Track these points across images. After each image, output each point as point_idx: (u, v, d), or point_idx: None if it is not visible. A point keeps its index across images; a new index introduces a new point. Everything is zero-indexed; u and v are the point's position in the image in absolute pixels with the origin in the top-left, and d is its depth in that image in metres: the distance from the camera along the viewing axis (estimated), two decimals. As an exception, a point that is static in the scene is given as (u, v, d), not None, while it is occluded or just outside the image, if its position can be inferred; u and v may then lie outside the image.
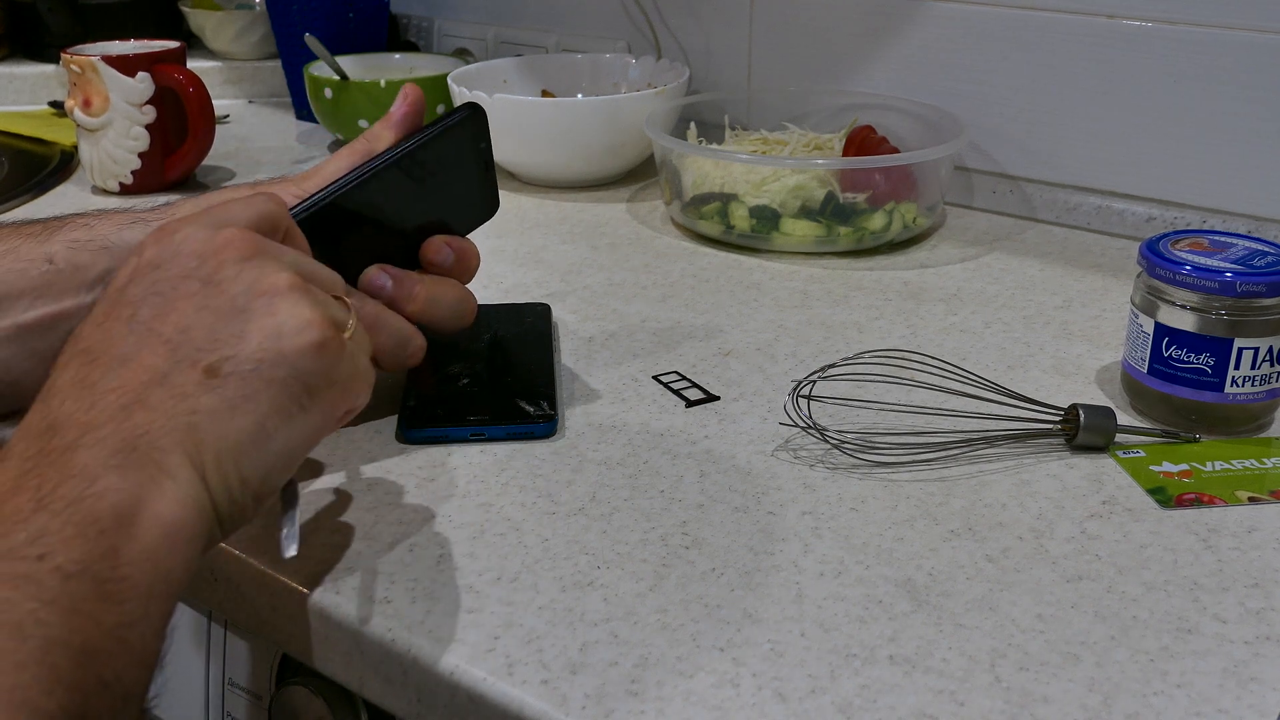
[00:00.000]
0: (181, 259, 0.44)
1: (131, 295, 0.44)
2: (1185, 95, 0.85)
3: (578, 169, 1.02)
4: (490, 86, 1.03)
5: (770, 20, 1.05)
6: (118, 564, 0.37)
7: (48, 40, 1.37)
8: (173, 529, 0.39)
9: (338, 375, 0.45)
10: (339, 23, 1.22)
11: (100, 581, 0.36)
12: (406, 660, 0.46)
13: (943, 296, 0.79)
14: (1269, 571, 0.50)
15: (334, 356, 0.44)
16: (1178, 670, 0.44)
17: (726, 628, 0.46)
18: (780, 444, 0.60)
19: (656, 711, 0.42)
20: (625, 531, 0.53)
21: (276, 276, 0.44)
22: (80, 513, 0.37)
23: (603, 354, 0.71)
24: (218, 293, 0.43)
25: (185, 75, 1.00)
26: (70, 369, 0.42)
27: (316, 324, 0.44)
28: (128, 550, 0.37)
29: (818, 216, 0.87)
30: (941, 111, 0.94)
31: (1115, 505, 0.55)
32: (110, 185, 1.02)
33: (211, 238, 0.45)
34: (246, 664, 0.58)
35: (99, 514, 0.37)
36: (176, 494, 0.39)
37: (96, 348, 0.42)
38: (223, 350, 0.42)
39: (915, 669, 0.44)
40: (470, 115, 0.63)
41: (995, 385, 0.62)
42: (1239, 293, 0.57)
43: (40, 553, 0.36)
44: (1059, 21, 0.89)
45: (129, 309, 0.43)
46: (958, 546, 0.52)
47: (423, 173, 0.61)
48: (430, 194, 0.62)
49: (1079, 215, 0.92)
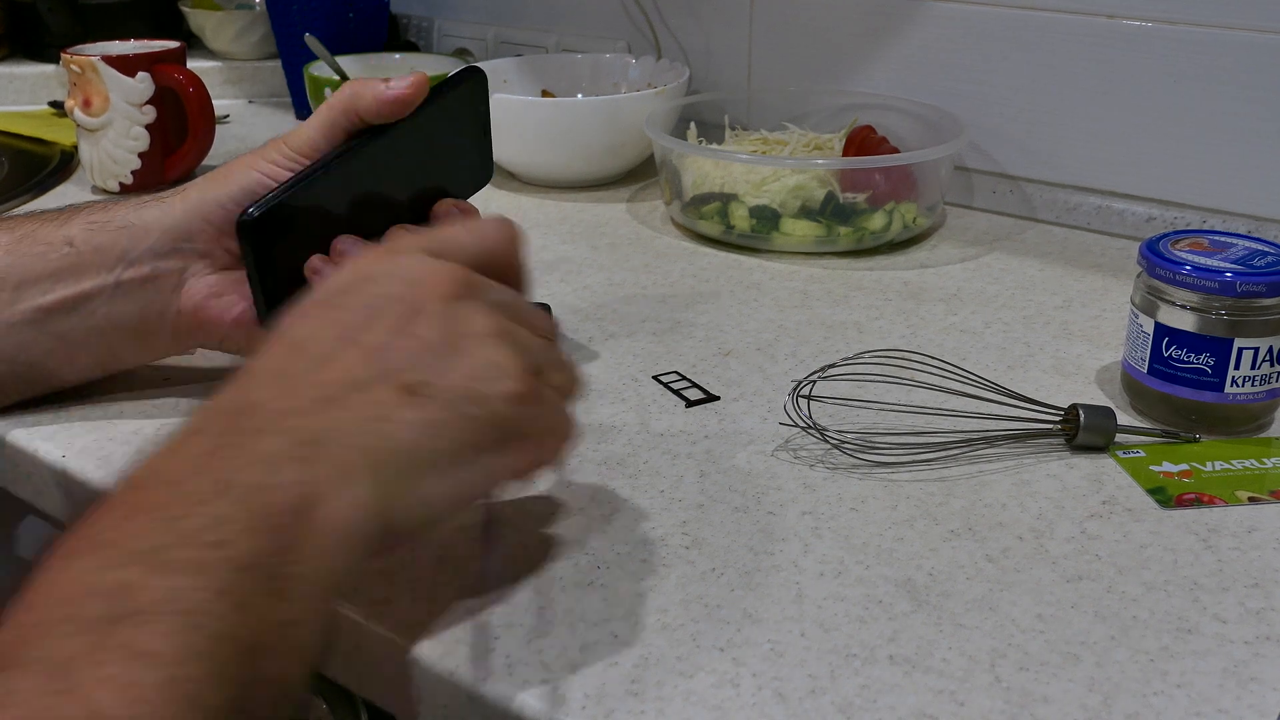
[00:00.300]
0: (396, 281, 0.44)
1: (343, 301, 0.44)
2: (1185, 95, 0.85)
3: (578, 169, 1.02)
4: (490, 86, 1.02)
5: (770, 20, 1.05)
6: (290, 560, 0.37)
7: (48, 40, 1.36)
8: (346, 531, 0.38)
9: (534, 427, 0.45)
10: (339, 23, 1.22)
11: (272, 577, 0.36)
12: (406, 660, 0.46)
13: (943, 296, 0.79)
14: (1269, 571, 0.50)
15: (531, 407, 0.44)
16: (1178, 670, 0.44)
17: (726, 628, 0.46)
18: (780, 444, 0.60)
19: (656, 711, 0.42)
20: (625, 531, 0.53)
21: (479, 321, 0.44)
22: (260, 503, 0.37)
23: (603, 354, 0.71)
24: (423, 323, 0.43)
25: (185, 75, 1.00)
26: (271, 356, 0.43)
27: (514, 374, 0.43)
28: (301, 547, 0.37)
29: (818, 216, 0.87)
30: (941, 111, 0.94)
31: (1115, 505, 0.55)
32: (110, 185, 1.02)
33: (429, 270, 0.45)
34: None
35: (278, 507, 0.37)
36: (354, 496, 0.39)
37: (301, 341, 0.43)
38: (423, 375, 0.42)
39: (915, 669, 0.44)
40: (471, 79, 0.62)
41: (995, 385, 0.62)
42: (1239, 293, 0.57)
43: (217, 539, 0.35)
44: (1059, 21, 0.89)
45: (337, 312, 0.44)
46: (958, 546, 0.52)
47: (424, 138, 0.60)
48: (432, 159, 0.61)
49: (1079, 215, 0.92)
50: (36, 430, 0.62)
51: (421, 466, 0.41)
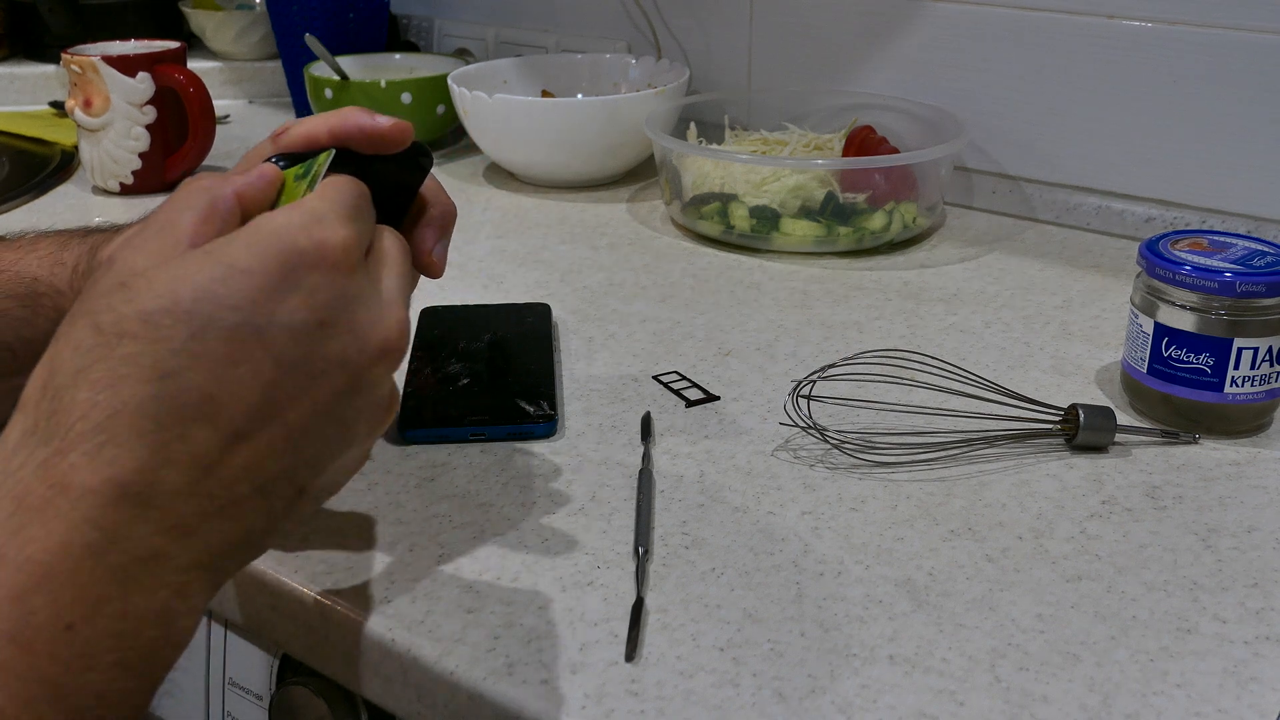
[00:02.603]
0: (349, 340, 0.39)
1: (283, 349, 0.38)
2: (1185, 95, 0.85)
3: (578, 169, 1.02)
4: (490, 86, 1.03)
5: (770, 20, 1.05)
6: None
7: (48, 40, 1.37)
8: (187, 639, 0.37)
9: None
10: (339, 23, 1.22)
11: None
12: (406, 660, 0.46)
13: (943, 296, 0.79)
14: (1269, 571, 0.50)
15: None
16: (1178, 670, 0.44)
17: (726, 628, 0.46)
18: (780, 444, 0.60)
19: (656, 711, 0.42)
20: (625, 531, 0.53)
21: (381, 409, 0.42)
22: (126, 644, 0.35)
23: (603, 354, 0.71)
24: (350, 403, 0.40)
25: (186, 75, 1.00)
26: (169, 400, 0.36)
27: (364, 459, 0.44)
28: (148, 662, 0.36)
29: (818, 216, 0.87)
30: (941, 111, 0.94)
31: (1115, 505, 0.55)
32: (111, 185, 1.02)
33: (382, 333, 0.40)
34: (246, 664, 0.58)
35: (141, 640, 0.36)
36: (197, 605, 0.37)
37: (213, 395, 0.36)
38: (318, 470, 0.40)
39: (915, 669, 0.44)
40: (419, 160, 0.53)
41: (995, 385, 0.62)
42: (1239, 293, 0.57)
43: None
44: (1059, 21, 0.89)
45: (271, 363, 0.37)
46: (958, 546, 0.52)
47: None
48: None
49: (1079, 215, 0.92)
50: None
51: (260, 551, 0.40)
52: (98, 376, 0.35)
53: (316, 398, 0.39)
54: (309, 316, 0.38)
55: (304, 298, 0.38)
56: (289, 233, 0.38)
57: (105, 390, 0.35)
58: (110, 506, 0.34)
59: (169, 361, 0.36)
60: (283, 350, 0.37)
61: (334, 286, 0.39)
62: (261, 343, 0.37)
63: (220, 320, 0.36)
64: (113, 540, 0.34)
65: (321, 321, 0.38)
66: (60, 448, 0.35)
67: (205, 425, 0.36)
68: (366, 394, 0.41)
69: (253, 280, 0.37)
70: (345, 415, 0.40)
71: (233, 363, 0.36)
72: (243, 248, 0.38)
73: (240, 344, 0.37)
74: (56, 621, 0.34)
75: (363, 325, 0.40)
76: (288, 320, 0.38)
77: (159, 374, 0.35)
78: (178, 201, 0.41)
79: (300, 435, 0.39)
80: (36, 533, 0.34)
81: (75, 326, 0.37)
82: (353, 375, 0.40)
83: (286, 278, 0.38)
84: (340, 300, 0.39)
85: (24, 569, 0.34)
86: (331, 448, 0.40)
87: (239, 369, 0.37)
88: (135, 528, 0.35)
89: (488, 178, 1.07)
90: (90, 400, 0.35)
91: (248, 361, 0.37)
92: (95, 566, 0.34)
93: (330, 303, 0.39)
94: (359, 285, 0.40)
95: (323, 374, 0.39)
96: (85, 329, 0.36)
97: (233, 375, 0.36)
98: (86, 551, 0.34)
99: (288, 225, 0.39)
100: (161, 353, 0.36)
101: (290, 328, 0.38)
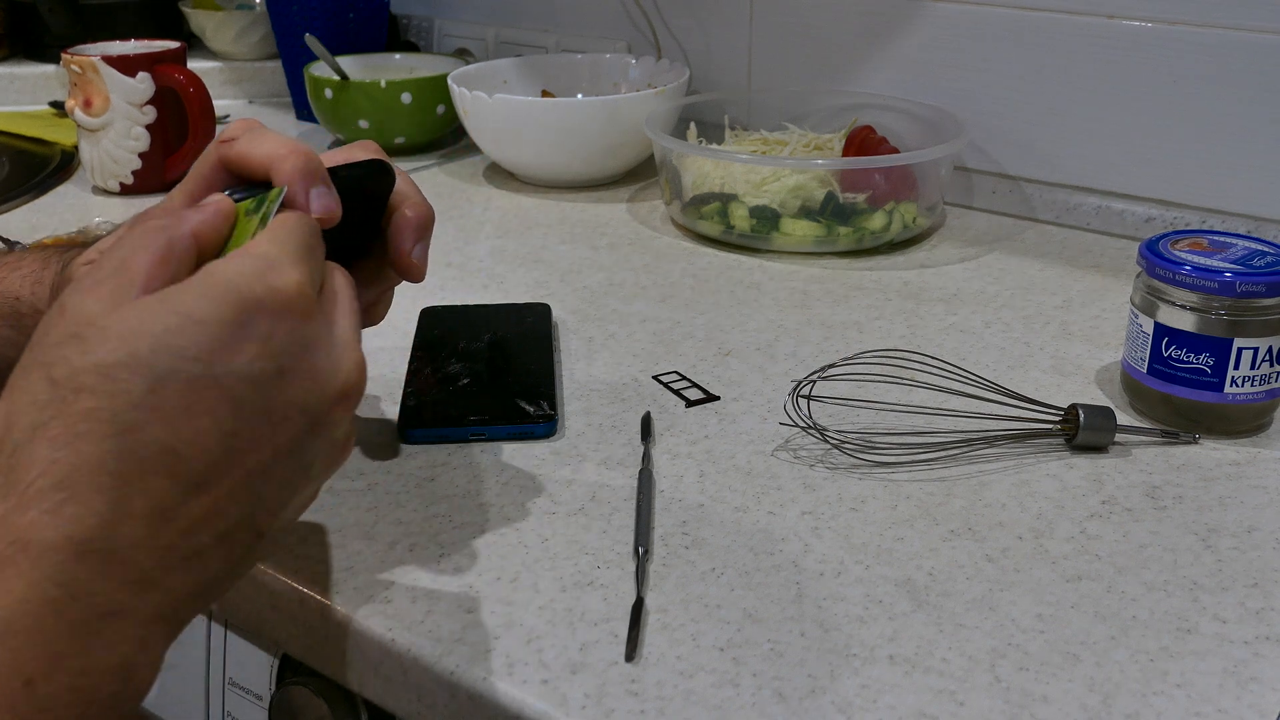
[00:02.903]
0: (307, 386, 0.39)
1: (242, 398, 0.37)
2: (1185, 95, 0.85)
3: (578, 169, 1.02)
4: (490, 86, 1.03)
5: (770, 20, 1.05)
6: None
7: (48, 40, 1.37)
8: (145, 691, 0.37)
9: None
10: (339, 23, 1.22)
11: None
12: (406, 660, 0.46)
13: (943, 296, 0.79)
14: (1269, 571, 0.50)
15: None
16: (1178, 670, 0.44)
17: (726, 628, 0.46)
18: (780, 444, 0.60)
19: (656, 711, 0.42)
20: (625, 531, 0.53)
21: (337, 449, 0.42)
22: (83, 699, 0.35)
23: (603, 354, 0.71)
24: (309, 447, 0.40)
25: (186, 75, 1.00)
26: (139, 466, 0.35)
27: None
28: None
29: (818, 216, 0.87)
30: (941, 111, 0.94)
31: (1115, 505, 0.55)
32: (111, 185, 1.02)
33: (356, 373, 0.41)
34: (246, 664, 0.58)
35: (98, 695, 0.35)
36: (157, 656, 0.37)
37: (181, 448, 0.36)
38: (276, 511, 0.40)
39: (915, 669, 0.44)
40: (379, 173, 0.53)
41: (995, 385, 0.62)
42: (1239, 293, 0.57)
43: None
44: (1059, 21, 0.89)
45: (230, 412, 0.37)
46: (958, 546, 0.52)
47: None
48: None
49: (1079, 215, 0.92)
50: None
51: (219, 596, 0.40)
52: (56, 433, 0.35)
53: (277, 443, 0.39)
54: (267, 364, 0.38)
55: (261, 345, 0.38)
56: (243, 280, 0.38)
57: (64, 447, 0.35)
58: (71, 562, 0.34)
59: (127, 415, 0.35)
60: (242, 399, 0.37)
61: (290, 332, 0.39)
62: (220, 392, 0.37)
63: (178, 371, 0.36)
64: (74, 596, 0.34)
65: (280, 369, 0.38)
66: (19, 504, 0.34)
67: (165, 477, 0.36)
68: (325, 435, 0.41)
69: (209, 330, 0.37)
70: (304, 457, 0.40)
71: (192, 414, 0.36)
72: (197, 297, 0.37)
73: (199, 395, 0.36)
74: (15, 677, 0.33)
75: (321, 370, 0.40)
76: (246, 369, 0.37)
77: (118, 429, 0.35)
78: (133, 241, 0.40)
79: (260, 481, 0.38)
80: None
81: (29, 378, 0.36)
82: (312, 419, 0.40)
83: (243, 326, 0.38)
84: (297, 346, 0.39)
85: None
86: (290, 490, 0.40)
87: (198, 420, 0.36)
88: (96, 583, 0.35)
89: (488, 178, 1.07)
90: (49, 457, 0.35)
91: (207, 412, 0.37)
92: (56, 622, 0.34)
93: (287, 349, 0.39)
94: (315, 329, 0.40)
95: (283, 420, 0.39)
96: (40, 381, 0.36)
97: (192, 426, 0.36)
98: (47, 607, 0.34)
99: (241, 272, 0.38)
100: (120, 407, 0.35)
101: (249, 376, 0.37)
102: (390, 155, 0.63)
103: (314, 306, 0.40)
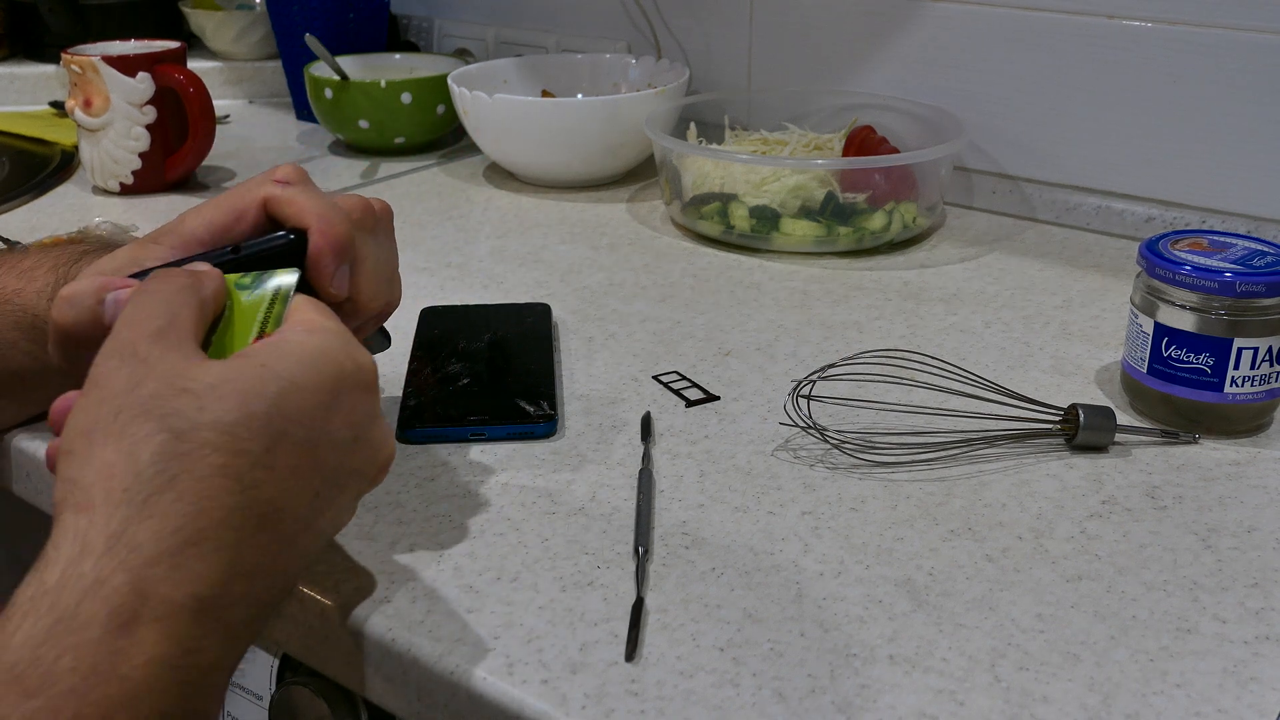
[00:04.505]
0: (372, 450, 0.43)
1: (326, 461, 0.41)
2: (1185, 95, 0.85)
3: (578, 169, 1.02)
4: (490, 86, 1.03)
5: (770, 20, 1.05)
6: None
7: (48, 40, 1.37)
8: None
9: None
10: (339, 23, 1.22)
11: None
12: (406, 660, 0.46)
13: (943, 296, 0.79)
14: (1269, 571, 0.50)
15: None
16: (1178, 670, 0.44)
17: (726, 628, 0.46)
18: (780, 444, 0.60)
19: (656, 711, 0.42)
20: (625, 531, 0.53)
21: (391, 441, 0.45)
22: None
23: (603, 354, 0.71)
24: (352, 505, 0.44)
25: (186, 75, 1.00)
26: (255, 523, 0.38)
27: None
28: None
29: (818, 216, 0.87)
30: (941, 111, 0.94)
31: (1115, 505, 0.55)
32: (111, 185, 1.02)
33: (394, 446, 0.45)
34: (246, 664, 0.58)
35: None
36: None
37: (284, 505, 0.39)
38: (329, 529, 0.43)
39: (915, 669, 0.44)
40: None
41: (995, 385, 0.62)
42: (1238, 293, 0.57)
43: None
44: (1059, 21, 0.89)
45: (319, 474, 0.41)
46: (958, 546, 0.52)
47: None
48: None
49: (1079, 215, 0.92)
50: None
51: None
52: (187, 487, 0.37)
53: (339, 506, 0.43)
54: (349, 433, 0.42)
55: (346, 414, 0.42)
56: (334, 354, 0.42)
57: (197, 502, 0.37)
58: (190, 622, 0.36)
59: (251, 474, 0.38)
60: (326, 462, 0.41)
61: (366, 405, 0.43)
62: (315, 456, 0.40)
63: (289, 434, 0.39)
64: (186, 653, 0.36)
65: (356, 438, 0.42)
66: (152, 557, 0.36)
67: (269, 533, 0.38)
68: (356, 501, 0.45)
69: (312, 398, 0.40)
70: (342, 518, 0.44)
71: (296, 475, 0.39)
72: (297, 364, 0.40)
73: (302, 456, 0.40)
74: None
75: (378, 441, 0.44)
76: (336, 436, 0.41)
77: (243, 486, 0.37)
78: (172, 295, 0.42)
79: (318, 539, 0.42)
80: (124, 646, 0.35)
81: (139, 426, 0.37)
82: (362, 484, 0.44)
83: (336, 396, 0.41)
84: (367, 418, 0.43)
85: (114, 688, 0.34)
86: (323, 545, 0.44)
87: (300, 480, 0.40)
88: (206, 640, 0.37)
89: (488, 178, 1.07)
90: (180, 511, 0.36)
91: (304, 473, 0.40)
92: (170, 680, 0.35)
93: (363, 420, 0.42)
94: (376, 403, 0.44)
95: (346, 484, 0.42)
96: (159, 433, 0.37)
97: (295, 486, 0.39)
98: (165, 666, 0.35)
99: (330, 347, 0.42)
100: (244, 465, 0.38)
101: (338, 443, 0.41)
102: (390, 155, 0.63)
103: (377, 382, 0.44)
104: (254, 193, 0.51)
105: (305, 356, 0.41)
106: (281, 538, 0.39)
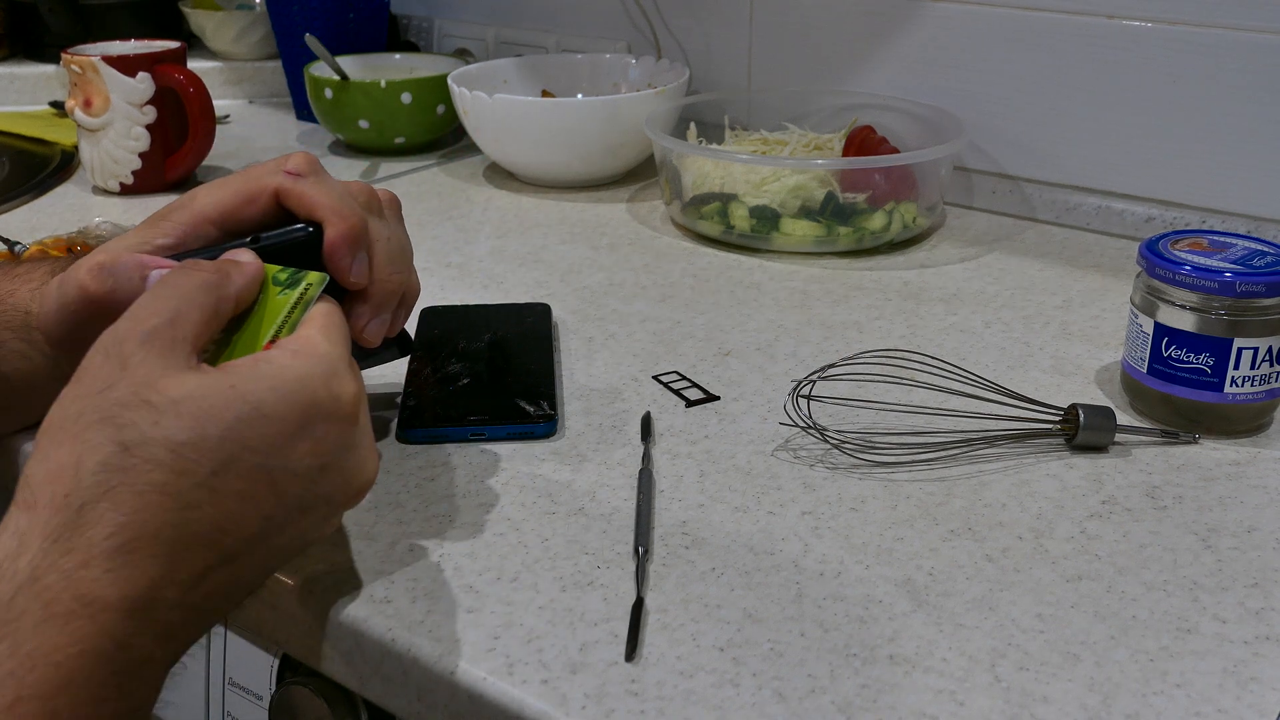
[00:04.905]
0: (345, 478, 0.44)
1: (285, 487, 0.42)
2: (1185, 95, 0.85)
3: (578, 169, 1.02)
4: (490, 86, 1.03)
5: (770, 20, 1.05)
6: None
7: (48, 40, 1.37)
8: None
9: None
10: (339, 23, 1.22)
11: None
12: (406, 660, 0.46)
13: (943, 296, 0.79)
14: (1269, 571, 0.50)
15: None
16: (1178, 670, 0.44)
17: (726, 628, 0.46)
18: (780, 444, 0.60)
19: (657, 711, 0.42)
20: (625, 531, 0.53)
21: (371, 466, 0.45)
22: None
23: (603, 354, 0.71)
24: (322, 526, 0.44)
25: (186, 75, 1.00)
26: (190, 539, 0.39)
27: None
28: None
29: (818, 216, 0.87)
30: (941, 111, 0.94)
31: (1115, 505, 0.55)
32: (111, 185, 1.02)
33: (374, 474, 0.46)
34: (246, 664, 0.58)
35: None
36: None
37: (227, 526, 0.40)
38: (271, 574, 0.44)
39: (915, 669, 0.44)
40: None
41: (995, 385, 0.62)
42: (1238, 293, 0.57)
43: None
44: (1059, 21, 0.89)
45: (274, 499, 0.41)
46: (958, 546, 0.52)
47: None
48: None
49: (1079, 215, 0.92)
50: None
51: None
52: (123, 499, 0.38)
53: (302, 527, 0.43)
54: (314, 462, 0.42)
55: (314, 444, 0.42)
56: (312, 384, 0.42)
57: (130, 514, 0.38)
58: (123, 619, 0.37)
59: (191, 494, 0.39)
60: (285, 488, 0.41)
61: (339, 435, 0.43)
62: (270, 482, 0.41)
63: (241, 461, 0.40)
64: (120, 647, 0.37)
65: (324, 466, 0.42)
66: (84, 560, 0.37)
67: (208, 550, 0.39)
68: (333, 521, 0.45)
69: (274, 427, 0.41)
70: (310, 536, 0.44)
71: (242, 499, 0.40)
72: (268, 390, 0.41)
73: (253, 483, 0.40)
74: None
75: (352, 468, 0.44)
76: (296, 465, 0.41)
77: (180, 505, 0.38)
78: (183, 294, 0.43)
79: (277, 556, 0.43)
80: (60, 640, 0.36)
81: (97, 433, 0.39)
82: (332, 509, 0.44)
83: (304, 427, 0.41)
84: (341, 447, 0.43)
85: (49, 673, 0.36)
86: (287, 559, 0.44)
87: (246, 505, 0.40)
88: (136, 636, 0.38)
89: (488, 178, 1.07)
90: (115, 521, 0.38)
91: (255, 499, 0.40)
92: (104, 671, 0.37)
93: (334, 450, 0.43)
94: (356, 433, 0.44)
95: (311, 508, 0.43)
96: (109, 443, 0.38)
97: (240, 509, 0.40)
98: (100, 658, 0.37)
99: (310, 375, 0.42)
100: (185, 485, 0.39)
101: (297, 472, 0.41)
102: (390, 155, 0.63)
103: (360, 412, 0.44)
104: (266, 181, 0.52)
105: (280, 383, 0.41)
106: (223, 555, 0.40)
